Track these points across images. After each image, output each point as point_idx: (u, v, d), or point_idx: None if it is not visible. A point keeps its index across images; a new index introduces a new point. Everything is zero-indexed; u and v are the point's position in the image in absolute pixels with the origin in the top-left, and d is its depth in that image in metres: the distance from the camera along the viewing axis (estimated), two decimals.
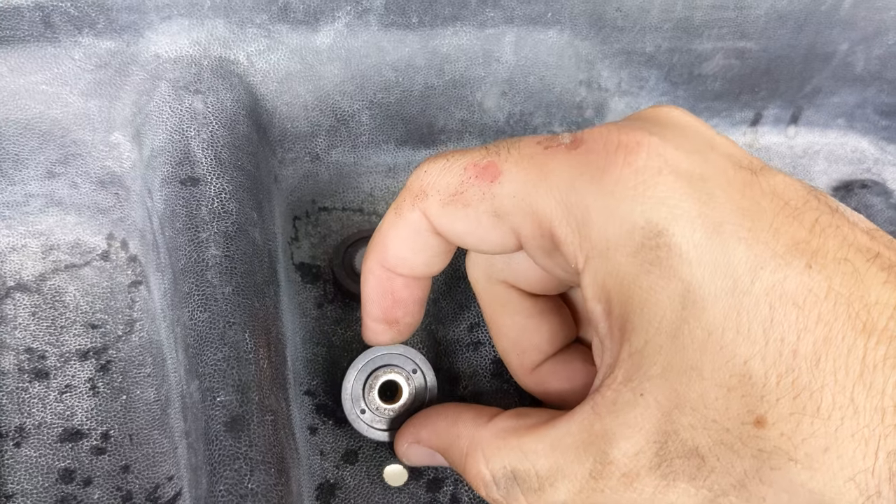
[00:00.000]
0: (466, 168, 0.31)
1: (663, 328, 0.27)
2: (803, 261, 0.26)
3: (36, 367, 0.38)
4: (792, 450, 0.26)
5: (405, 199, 0.33)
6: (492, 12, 0.44)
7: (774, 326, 0.26)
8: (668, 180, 0.28)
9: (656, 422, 0.27)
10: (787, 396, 0.26)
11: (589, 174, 0.28)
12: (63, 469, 0.35)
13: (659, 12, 0.47)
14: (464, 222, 0.31)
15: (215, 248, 0.37)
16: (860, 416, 0.25)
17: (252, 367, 0.34)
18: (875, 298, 0.26)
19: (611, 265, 0.28)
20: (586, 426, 0.29)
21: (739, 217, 0.27)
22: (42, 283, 0.40)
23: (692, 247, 0.27)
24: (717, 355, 0.26)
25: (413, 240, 0.33)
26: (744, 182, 0.28)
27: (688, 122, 0.31)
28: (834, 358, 0.25)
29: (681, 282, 0.27)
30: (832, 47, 0.51)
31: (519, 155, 0.30)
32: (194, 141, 0.39)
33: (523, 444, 0.31)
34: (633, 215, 0.27)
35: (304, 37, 0.42)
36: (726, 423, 0.26)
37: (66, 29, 0.39)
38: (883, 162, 0.56)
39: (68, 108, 0.40)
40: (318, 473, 0.37)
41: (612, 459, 0.28)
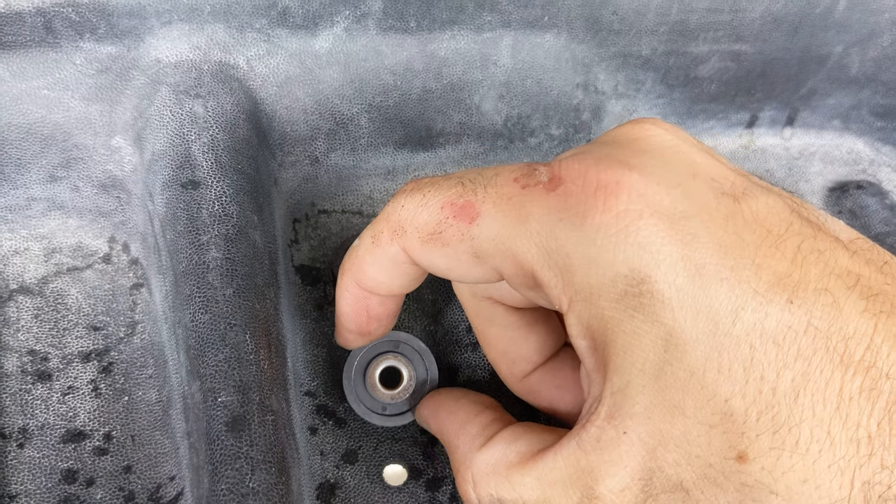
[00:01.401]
0: (443, 207, 0.31)
1: (647, 369, 0.27)
2: (784, 296, 0.27)
3: (39, 369, 0.38)
4: (773, 483, 0.26)
5: (383, 231, 0.32)
6: (489, 16, 0.45)
7: (755, 365, 0.26)
8: (648, 224, 0.28)
9: (641, 459, 0.28)
10: (768, 432, 0.26)
11: (569, 220, 0.28)
12: (66, 470, 0.36)
13: (655, 16, 0.47)
14: (443, 260, 0.31)
15: (216, 250, 0.37)
16: (836, 448, 0.26)
17: (253, 368, 0.35)
18: (853, 330, 0.26)
19: (594, 309, 0.28)
20: (572, 462, 0.29)
21: (721, 256, 0.27)
22: (44, 286, 0.40)
23: (675, 291, 0.27)
24: (699, 394, 0.27)
25: (390, 269, 0.33)
26: (726, 213, 0.28)
27: (668, 144, 0.30)
28: (812, 392, 0.26)
29: (663, 326, 0.27)
30: (827, 49, 0.52)
31: (497, 195, 0.30)
32: (195, 145, 0.40)
33: (511, 474, 0.31)
34: (615, 264, 0.28)
35: (303, 41, 0.43)
36: (709, 459, 0.27)
37: (67, 34, 0.39)
38: (878, 163, 0.57)
39: (70, 112, 0.40)
40: (318, 473, 0.38)
41: (598, 495, 0.29)
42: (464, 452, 0.34)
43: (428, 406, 0.38)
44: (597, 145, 0.31)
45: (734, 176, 0.30)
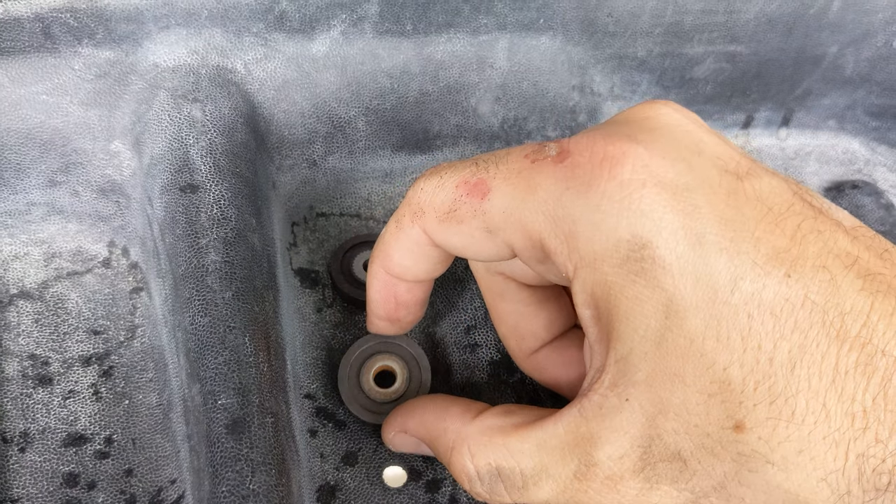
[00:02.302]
0: (458, 186, 0.32)
1: (648, 336, 0.28)
2: (782, 270, 0.27)
3: (39, 374, 0.38)
4: (769, 453, 0.27)
5: (405, 214, 0.34)
6: (485, 19, 0.45)
7: (752, 335, 0.27)
8: (651, 193, 0.28)
9: (641, 426, 0.28)
10: (764, 402, 0.27)
11: (575, 188, 0.29)
12: (67, 473, 0.36)
13: (650, 17, 0.47)
14: (459, 237, 0.32)
15: (215, 253, 0.37)
16: (832, 421, 0.26)
17: (252, 371, 0.35)
18: (850, 306, 0.27)
19: (598, 275, 0.29)
20: (572, 428, 0.30)
21: (721, 227, 0.28)
22: (45, 291, 0.41)
23: (675, 258, 0.27)
24: (698, 363, 0.27)
25: (414, 251, 0.34)
26: (728, 189, 0.29)
27: (677, 123, 0.31)
28: (808, 365, 0.26)
29: (664, 292, 0.27)
30: (821, 50, 0.52)
31: (507, 170, 0.31)
32: (193, 149, 0.40)
33: (509, 442, 0.32)
34: (618, 228, 0.28)
35: (300, 45, 0.43)
36: (707, 428, 0.27)
37: (65, 39, 0.39)
38: (873, 162, 0.57)
39: (69, 117, 0.41)
40: (318, 475, 0.38)
41: (597, 462, 0.29)
42: (455, 429, 0.34)
43: (400, 412, 0.37)
44: (607, 124, 0.32)
45: (739, 157, 0.30)
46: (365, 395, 0.39)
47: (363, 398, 0.39)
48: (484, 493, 0.33)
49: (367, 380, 0.39)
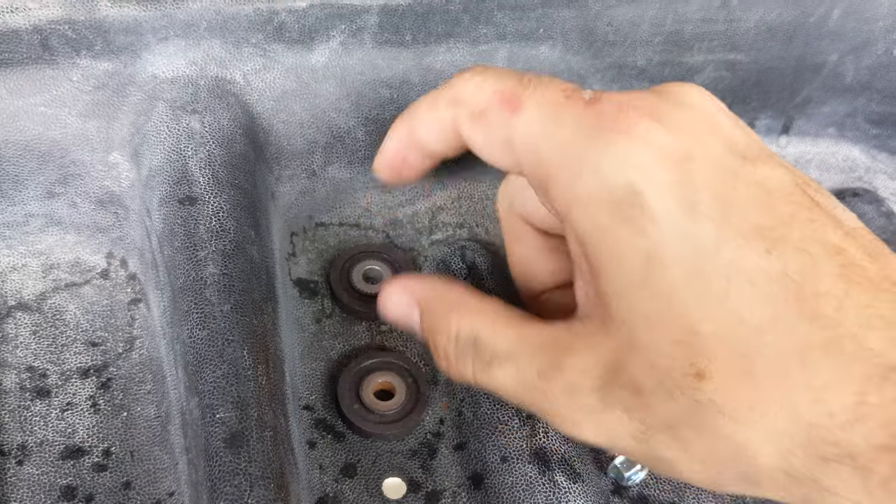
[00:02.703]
0: (496, 92, 0.34)
1: (631, 278, 0.30)
2: (764, 245, 0.28)
3: (37, 386, 0.38)
4: (723, 404, 0.28)
5: (443, 98, 0.36)
6: (484, 29, 0.45)
7: (728, 296, 0.28)
8: (654, 154, 0.30)
9: (610, 353, 0.30)
10: (728, 357, 0.28)
11: (589, 131, 0.31)
12: (65, 486, 0.36)
13: (649, 26, 0.47)
14: (481, 138, 0.35)
15: (213, 266, 0.37)
16: (789, 387, 0.27)
17: (251, 384, 0.35)
18: (825, 289, 0.28)
19: (590, 213, 0.31)
20: (555, 336, 0.32)
21: (712, 199, 0.29)
22: (42, 302, 0.40)
23: (664, 212, 0.29)
24: (673, 310, 0.29)
25: (438, 130, 0.37)
26: (729, 168, 0.30)
27: (699, 103, 0.33)
28: (776, 334, 0.28)
29: (649, 240, 0.29)
30: (822, 58, 0.52)
31: (542, 96, 0.33)
32: (192, 160, 0.40)
33: (498, 322, 0.34)
34: (615, 174, 0.30)
35: (299, 56, 0.43)
36: (670, 371, 0.29)
37: (63, 51, 0.39)
38: (874, 170, 0.57)
39: (67, 128, 0.41)
40: (317, 487, 0.38)
41: (562, 367, 0.31)
42: (457, 297, 0.36)
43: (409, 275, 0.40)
44: (642, 91, 0.34)
45: (753, 143, 0.32)
46: (365, 407, 0.39)
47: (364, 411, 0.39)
48: (452, 356, 0.35)
49: (367, 394, 0.39)
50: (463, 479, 0.39)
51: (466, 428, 0.40)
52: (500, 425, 0.39)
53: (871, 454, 0.26)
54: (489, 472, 0.39)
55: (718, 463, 0.30)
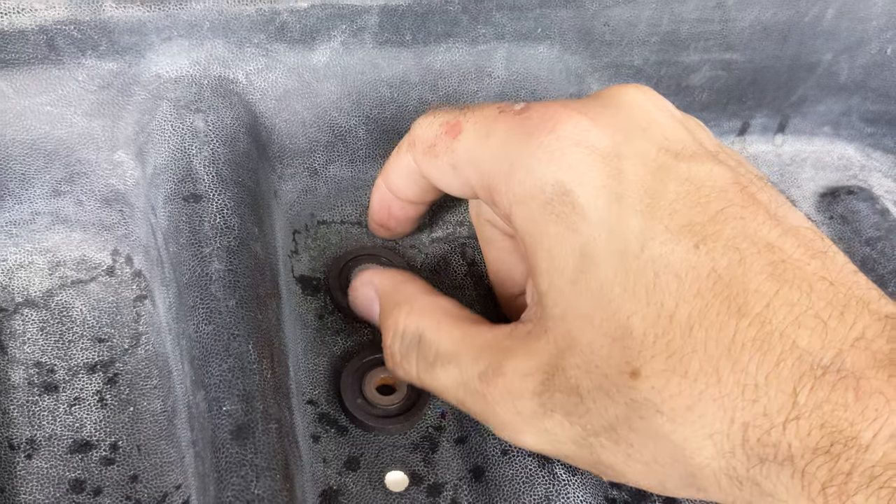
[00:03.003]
0: (441, 125, 0.36)
1: (565, 275, 0.30)
2: (692, 241, 0.29)
3: (45, 381, 0.39)
4: (660, 403, 0.28)
5: (404, 143, 0.39)
6: (483, 29, 0.45)
7: (656, 291, 0.28)
8: (582, 152, 0.31)
9: (549, 357, 0.31)
10: (661, 355, 0.28)
11: (520, 136, 0.32)
12: (73, 479, 0.36)
13: (646, 26, 0.48)
14: (434, 170, 0.37)
15: (218, 262, 0.38)
16: (723, 386, 0.27)
17: (256, 378, 0.35)
18: (755, 287, 0.28)
19: (527, 212, 0.32)
20: (498, 339, 0.33)
21: (641, 194, 0.30)
22: (49, 299, 0.41)
23: (593, 209, 0.30)
24: (605, 307, 0.29)
25: (406, 176, 0.39)
26: (659, 165, 0.31)
27: (637, 103, 0.33)
28: (706, 330, 0.28)
29: (581, 236, 0.30)
30: (816, 57, 0.53)
31: (478, 116, 0.35)
32: (196, 158, 0.40)
33: (443, 321, 0.35)
34: (546, 174, 0.31)
35: (301, 55, 0.43)
36: (606, 370, 0.29)
37: (69, 51, 0.40)
38: (869, 168, 0.58)
39: (73, 127, 0.41)
40: (321, 480, 0.38)
41: (503, 371, 0.32)
42: (411, 292, 0.37)
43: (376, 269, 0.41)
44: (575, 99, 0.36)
45: (691, 142, 0.32)
46: (367, 401, 0.40)
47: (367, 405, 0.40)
48: (398, 354, 0.36)
49: (369, 389, 0.40)
50: (464, 471, 0.40)
51: (467, 421, 0.41)
52: None
53: (809, 457, 0.26)
54: (490, 465, 0.39)
55: (660, 465, 0.29)
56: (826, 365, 0.26)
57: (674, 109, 0.34)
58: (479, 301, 0.45)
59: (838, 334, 0.27)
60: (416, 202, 0.41)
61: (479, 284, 0.45)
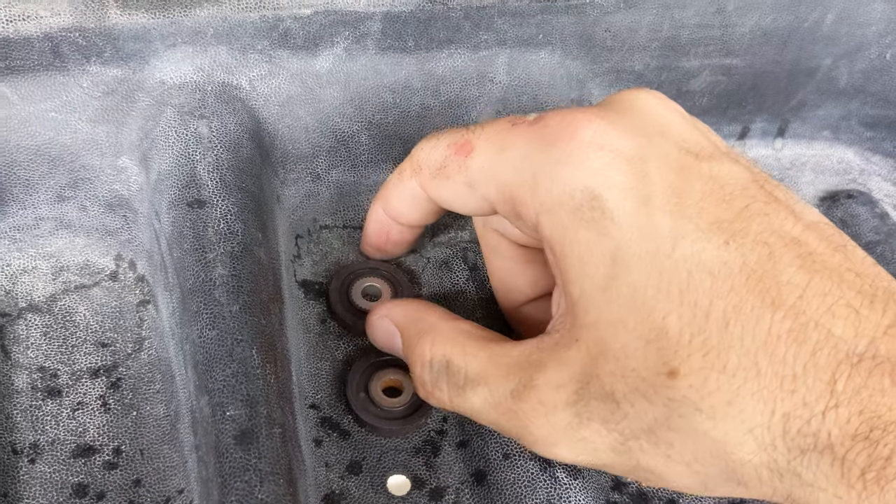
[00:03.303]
0: (448, 146, 0.36)
1: (596, 281, 0.30)
2: (722, 237, 0.29)
3: (48, 386, 0.39)
4: (699, 401, 0.28)
5: (406, 169, 0.38)
6: (485, 35, 0.46)
7: (690, 290, 0.28)
8: (607, 156, 0.31)
9: (582, 364, 0.30)
10: (698, 353, 0.28)
11: (541, 145, 0.32)
12: (77, 484, 0.36)
13: (646, 32, 0.48)
14: (446, 192, 0.37)
15: (222, 267, 0.38)
16: (762, 379, 0.27)
17: (260, 382, 0.35)
18: (787, 279, 0.28)
19: (556, 220, 0.32)
20: (525, 355, 0.33)
21: (669, 193, 0.30)
22: (53, 304, 0.41)
23: (622, 213, 0.30)
24: (639, 310, 0.29)
25: (410, 202, 0.39)
26: (682, 165, 0.31)
27: (650, 107, 0.34)
28: (742, 324, 0.28)
29: (612, 241, 0.30)
30: (816, 62, 0.53)
31: (490, 131, 0.35)
32: (200, 164, 0.40)
33: (469, 345, 0.35)
34: (573, 180, 0.31)
35: (304, 62, 0.44)
36: (643, 373, 0.29)
37: (74, 58, 0.40)
38: (868, 172, 0.58)
39: (77, 134, 0.41)
40: (323, 484, 0.38)
41: (535, 385, 0.31)
42: (431, 321, 0.37)
43: (391, 301, 0.41)
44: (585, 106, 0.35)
45: (707, 143, 0.33)
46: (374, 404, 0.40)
47: (373, 407, 0.40)
48: (428, 383, 0.36)
49: (375, 390, 0.40)
50: (466, 475, 0.40)
51: (469, 425, 0.41)
52: None
53: (848, 444, 0.27)
54: (492, 469, 0.39)
55: (702, 463, 0.29)
56: (861, 352, 0.27)
57: (684, 112, 0.35)
58: (480, 305, 0.45)
59: (871, 322, 0.27)
60: (417, 225, 0.42)
61: (480, 289, 0.45)
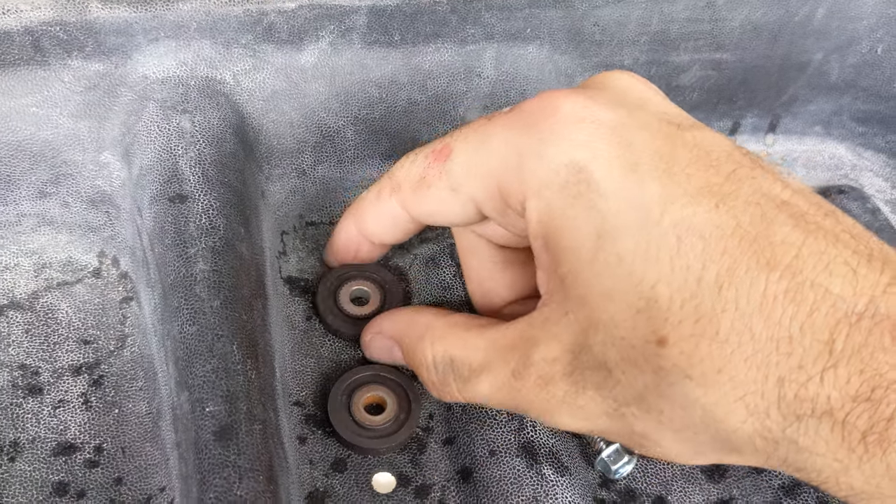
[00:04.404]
0: (426, 156, 0.35)
1: (583, 255, 0.30)
2: (713, 201, 0.28)
3: (30, 383, 0.38)
4: (688, 368, 0.28)
5: (385, 188, 0.37)
6: (472, 29, 0.45)
7: (681, 255, 0.28)
8: (589, 127, 0.31)
9: (573, 336, 0.30)
10: (689, 320, 0.28)
11: (522, 129, 0.32)
12: (57, 482, 0.36)
13: (636, 26, 0.48)
14: (429, 202, 0.36)
15: (203, 263, 0.38)
16: (756, 343, 0.27)
17: (240, 378, 0.35)
18: (781, 238, 0.27)
19: (543, 202, 0.31)
20: (519, 333, 0.33)
21: (656, 159, 0.29)
22: (35, 301, 0.41)
23: (610, 182, 0.30)
24: (627, 280, 0.29)
25: (388, 222, 0.38)
26: (666, 133, 0.31)
27: (628, 85, 0.34)
28: (736, 287, 0.27)
29: (598, 213, 0.29)
30: (807, 57, 0.52)
31: (466, 130, 0.34)
32: (182, 159, 0.40)
33: (467, 337, 0.35)
34: (558, 156, 0.31)
35: (288, 56, 0.43)
36: (633, 341, 0.29)
37: (55, 52, 0.40)
38: (860, 167, 0.57)
39: (58, 129, 0.41)
40: (307, 482, 0.38)
41: (533, 362, 0.32)
42: (425, 322, 0.37)
43: (380, 316, 0.40)
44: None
45: (685, 117, 0.32)
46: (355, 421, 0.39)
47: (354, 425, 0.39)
48: (436, 382, 0.36)
49: (357, 408, 0.39)
50: (452, 472, 0.39)
51: (455, 422, 0.40)
52: (489, 419, 0.40)
53: (848, 406, 0.26)
54: (478, 466, 0.39)
55: (693, 430, 0.29)
56: (861, 311, 0.26)
57: (658, 91, 0.35)
58: (468, 302, 0.45)
59: (869, 281, 0.27)
60: (390, 244, 0.41)
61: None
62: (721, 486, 0.40)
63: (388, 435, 0.39)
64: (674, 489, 0.40)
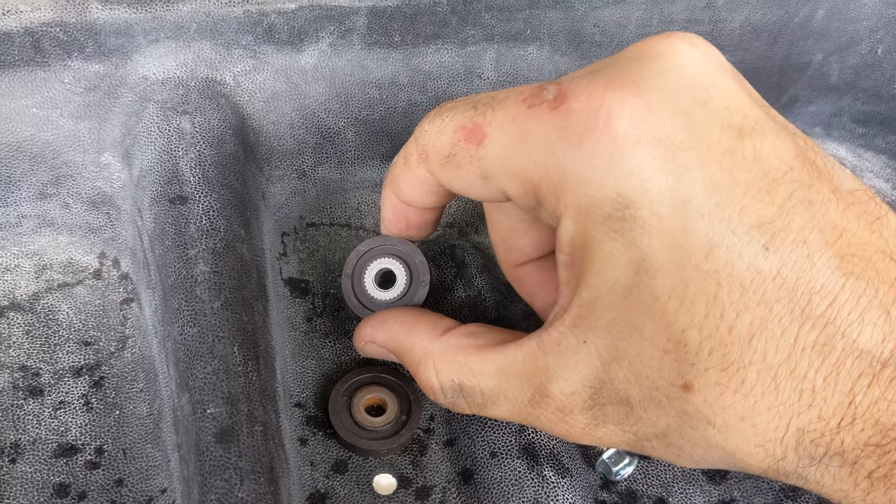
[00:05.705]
0: (456, 130, 0.32)
1: (616, 289, 0.29)
2: (761, 242, 0.27)
3: (30, 385, 0.38)
4: (711, 415, 0.28)
5: (412, 154, 0.35)
6: (472, 30, 0.45)
7: (717, 302, 0.27)
8: (644, 151, 0.28)
9: (595, 369, 0.30)
10: (716, 368, 0.28)
11: (567, 139, 0.29)
12: (58, 484, 0.36)
13: (635, 27, 0.48)
14: (459, 181, 0.34)
15: (203, 264, 0.38)
16: (779, 394, 0.27)
17: (241, 380, 0.35)
18: (820, 285, 0.27)
19: (580, 227, 0.30)
20: (531, 359, 0.32)
21: (709, 193, 0.28)
22: (35, 303, 0.41)
23: (656, 220, 0.28)
24: (659, 320, 0.28)
25: (421, 188, 0.36)
26: (725, 150, 0.28)
27: (690, 65, 0.30)
28: (766, 339, 0.27)
29: (639, 251, 0.28)
30: (807, 58, 0.52)
31: (503, 116, 0.31)
32: (182, 160, 0.40)
33: (471, 362, 0.34)
34: (604, 186, 0.28)
35: (289, 57, 0.43)
36: (657, 382, 0.29)
37: (55, 53, 0.39)
38: (860, 169, 0.57)
39: (59, 130, 0.41)
40: (308, 483, 0.38)
41: (550, 394, 0.31)
42: (422, 346, 0.36)
43: (371, 323, 0.39)
44: (615, 61, 0.31)
45: (750, 107, 0.29)
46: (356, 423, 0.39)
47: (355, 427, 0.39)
48: (447, 404, 0.35)
49: (358, 410, 0.39)
50: (453, 474, 0.39)
51: (456, 424, 0.40)
52: (490, 421, 0.40)
53: (860, 451, 0.27)
54: (479, 468, 0.39)
55: (710, 462, 0.31)
56: (885, 359, 0.27)
57: (723, 61, 0.31)
58: (468, 303, 0.45)
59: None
60: (435, 207, 0.39)
61: (468, 286, 0.45)
62: (722, 488, 0.40)
63: (388, 436, 0.39)
64: (675, 491, 0.40)
